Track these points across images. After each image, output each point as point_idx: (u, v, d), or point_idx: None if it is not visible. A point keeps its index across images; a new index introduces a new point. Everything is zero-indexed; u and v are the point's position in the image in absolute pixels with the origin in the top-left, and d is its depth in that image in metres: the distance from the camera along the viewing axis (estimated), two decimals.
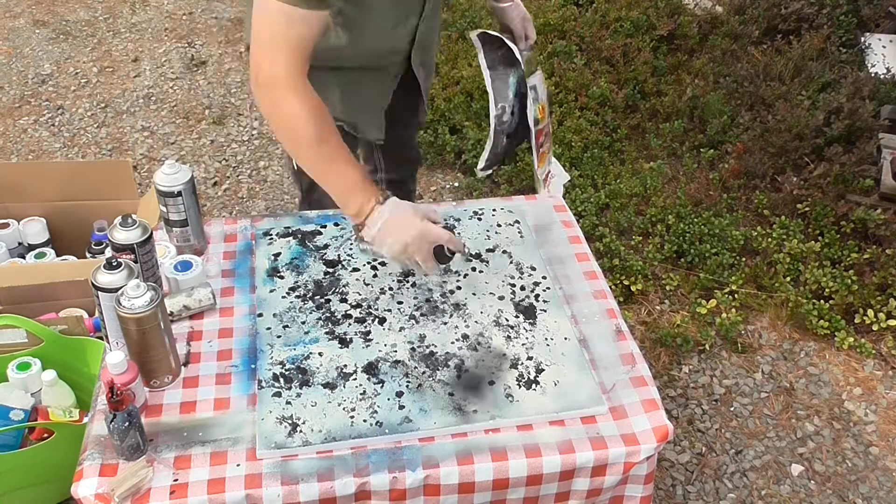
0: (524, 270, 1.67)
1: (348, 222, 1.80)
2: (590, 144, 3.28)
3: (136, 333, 1.33)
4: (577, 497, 1.36)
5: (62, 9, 4.48)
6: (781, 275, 2.70)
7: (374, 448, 1.31)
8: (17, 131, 3.50)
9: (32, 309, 2.00)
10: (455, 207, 1.88)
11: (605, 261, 2.74)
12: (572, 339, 1.51)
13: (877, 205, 2.89)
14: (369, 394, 1.39)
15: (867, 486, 2.16)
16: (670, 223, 2.91)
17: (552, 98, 3.47)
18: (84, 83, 3.83)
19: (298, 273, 1.65)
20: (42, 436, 1.84)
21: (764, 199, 3.03)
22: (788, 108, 3.32)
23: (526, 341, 1.50)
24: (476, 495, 1.31)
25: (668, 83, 3.69)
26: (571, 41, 3.85)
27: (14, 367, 1.92)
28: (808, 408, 2.37)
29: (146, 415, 1.35)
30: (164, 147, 3.41)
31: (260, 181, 3.25)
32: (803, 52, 3.72)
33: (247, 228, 1.77)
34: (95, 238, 2.49)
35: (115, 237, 1.47)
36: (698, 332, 2.57)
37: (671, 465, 2.20)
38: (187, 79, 3.88)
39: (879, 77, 3.54)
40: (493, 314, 1.56)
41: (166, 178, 1.59)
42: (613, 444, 1.33)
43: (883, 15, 3.99)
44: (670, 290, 2.70)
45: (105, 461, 1.27)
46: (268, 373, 1.42)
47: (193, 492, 1.23)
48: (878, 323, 2.51)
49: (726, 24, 4.04)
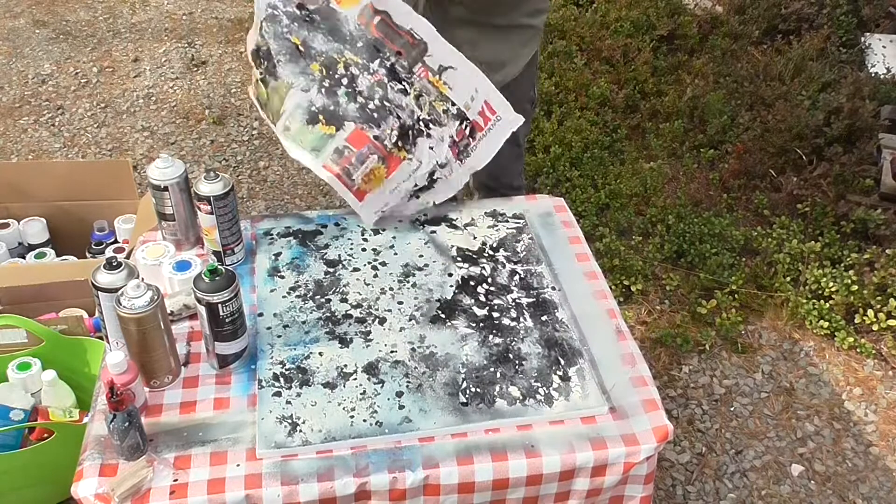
0: (525, 270, 1.67)
1: (349, 222, 1.80)
2: (590, 144, 3.28)
3: (136, 333, 1.33)
4: (577, 497, 1.36)
5: (62, 9, 4.48)
6: (781, 275, 2.70)
7: (374, 448, 1.31)
8: (17, 131, 3.50)
9: (32, 309, 2.00)
10: (456, 207, 1.88)
11: (605, 261, 2.74)
12: (575, 339, 1.51)
13: (877, 205, 2.89)
14: (369, 394, 1.39)
15: (867, 486, 2.16)
16: (670, 223, 2.91)
17: (553, 98, 3.47)
18: (84, 83, 3.83)
19: (299, 273, 1.65)
20: (42, 436, 1.84)
21: (764, 199, 3.03)
22: (788, 108, 3.33)
23: (527, 341, 1.50)
24: (476, 495, 1.31)
25: (668, 83, 3.69)
26: (571, 41, 3.85)
27: (14, 367, 1.92)
28: (808, 408, 2.37)
29: (146, 415, 1.35)
30: (164, 147, 3.42)
31: (260, 181, 3.25)
32: (803, 52, 3.72)
33: (247, 228, 1.77)
34: (95, 238, 2.49)
35: (199, 189, 1.57)
36: (698, 332, 2.57)
37: (671, 465, 2.20)
38: (187, 79, 3.89)
39: (879, 77, 3.54)
40: (493, 314, 1.56)
41: (157, 172, 1.61)
42: (613, 444, 1.33)
43: (883, 15, 3.99)
44: (670, 290, 2.70)
45: (105, 461, 1.27)
46: (268, 372, 1.42)
47: (193, 492, 1.23)
48: (878, 323, 2.51)
49: (726, 24, 4.04)
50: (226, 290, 1.36)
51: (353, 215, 1.83)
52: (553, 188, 3.07)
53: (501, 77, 1.91)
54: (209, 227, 1.61)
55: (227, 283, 1.36)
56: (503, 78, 1.92)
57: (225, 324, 1.38)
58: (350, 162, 1.61)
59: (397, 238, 1.75)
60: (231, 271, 1.39)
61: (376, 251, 1.71)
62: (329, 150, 1.59)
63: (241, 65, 3.99)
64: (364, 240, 1.75)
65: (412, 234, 1.77)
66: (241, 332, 1.41)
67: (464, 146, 1.72)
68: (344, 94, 1.58)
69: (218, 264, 1.39)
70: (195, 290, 1.36)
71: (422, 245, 1.74)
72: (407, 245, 1.74)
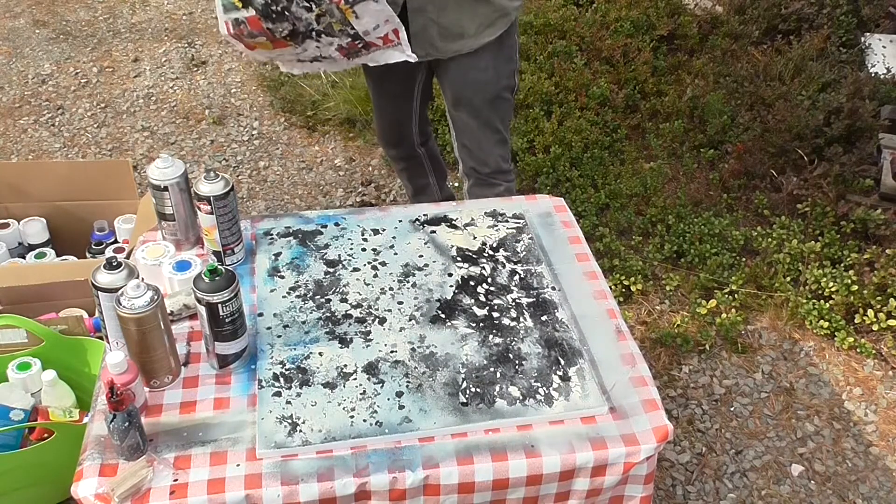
0: (525, 270, 1.67)
1: (349, 222, 1.80)
2: (590, 144, 3.28)
3: (136, 333, 1.33)
4: (577, 497, 1.36)
5: (62, 9, 4.48)
6: (781, 275, 2.70)
7: (374, 448, 1.31)
8: (17, 131, 3.50)
9: (32, 309, 2.00)
10: (456, 208, 1.88)
11: (605, 261, 2.74)
12: (575, 339, 1.51)
13: (877, 205, 2.89)
14: (369, 394, 1.39)
15: (867, 486, 2.16)
16: (670, 223, 2.91)
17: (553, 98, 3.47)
18: (84, 83, 3.83)
19: (299, 273, 1.65)
20: (42, 436, 1.84)
21: (764, 199, 3.03)
22: (788, 108, 3.32)
23: (527, 341, 1.50)
24: (476, 495, 1.31)
25: (668, 83, 3.69)
26: (571, 41, 3.84)
27: (14, 367, 1.92)
28: (808, 408, 2.37)
29: (146, 415, 1.35)
30: (164, 147, 3.42)
31: (260, 181, 3.25)
32: (803, 52, 3.72)
33: (247, 228, 1.77)
34: (95, 238, 2.49)
35: (199, 189, 1.59)
36: (698, 332, 2.57)
37: (671, 465, 2.20)
38: (187, 79, 3.89)
39: (879, 77, 3.54)
40: (493, 314, 1.56)
41: (157, 172, 1.61)
42: (613, 444, 1.33)
43: (883, 15, 3.99)
44: (670, 290, 2.70)
45: (105, 461, 1.27)
46: (268, 372, 1.42)
47: (193, 492, 1.23)
48: (878, 323, 2.51)
49: (726, 24, 4.04)
50: (226, 290, 1.36)
51: (353, 215, 1.83)
52: (553, 188, 3.07)
53: (457, 47, 1.99)
54: (209, 227, 1.61)
55: (227, 283, 1.36)
56: (458, 48, 1.99)
57: (225, 324, 1.38)
58: (242, 33, 1.77)
59: (397, 238, 1.75)
60: (231, 271, 1.39)
61: (376, 251, 1.71)
62: (232, 16, 1.74)
63: (241, 65, 3.99)
64: (364, 240, 1.75)
65: (412, 234, 1.77)
66: (241, 332, 1.41)
67: (354, 53, 1.83)
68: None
69: (218, 264, 1.39)
70: (195, 290, 1.36)
71: (422, 245, 1.74)
72: (407, 245, 1.74)
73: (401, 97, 2.28)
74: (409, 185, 2.60)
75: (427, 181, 2.56)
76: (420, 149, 2.46)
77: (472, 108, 2.12)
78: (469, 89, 2.08)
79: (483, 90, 2.08)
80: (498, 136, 2.19)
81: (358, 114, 3.52)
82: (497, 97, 2.11)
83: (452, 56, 2.00)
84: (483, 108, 2.12)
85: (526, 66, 3.60)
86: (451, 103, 2.15)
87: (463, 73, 2.05)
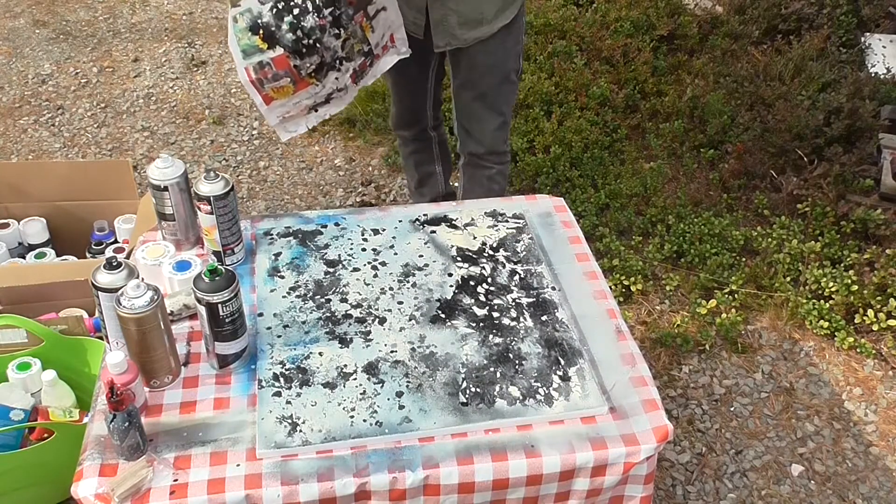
0: (525, 270, 1.67)
1: (349, 222, 1.80)
2: (590, 144, 3.28)
3: (136, 333, 1.33)
4: (577, 497, 1.36)
5: (62, 9, 4.48)
6: (781, 275, 2.70)
7: (374, 448, 1.31)
8: (17, 131, 3.50)
9: (32, 309, 2.00)
10: (456, 208, 1.88)
11: (605, 261, 2.74)
12: (575, 339, 1.51)
13: (877, 205, 2.89)
14: (369, 394, 1.39)
15: (867, 486, 2.16)
16: (670, 223, 2.91)
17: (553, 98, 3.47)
18: (84, 83, 3.83)
19: (299, 273, 1.65)
20: (42, 436, 1.84)
21: (764, 199, 3.03)
22: (788, 108, 3.32)
23: (527, 341, 1.50)
24: (476, 495, 1.31)
25: (668, 83, 3.69)
26: (571, 41, 3.84)
27: (14, 367, 1.92)
28: (808, 408, 2.37)
29: (146, 415, 1.35)
30: (164, 147, 3.41)
31: (260, 181, 3.25)
32: (803, 52, 3.72)
33: (247, 228, 1.77)
34: (95, 238, 2.49)
35: (199, 189, 1.59)
36: (698, 332, 2.56)
37: (671, 465, 2.20)
38: (187, 79, 3.88)
39: (879, 77, 3.54)
40: (493, 314, 1.56)
41: (157, 172, 1.62)
42: (613, 444, 1.33)
43: (883, 15, 3.99)
44: (670, 290, 2.70)
45: (105, 461, 1.27)
46: (268, 372, 1.42)
47: (193, 492, 1.23)
48: (878, 323, 2.51)
49: (726, 24, 4.04)
50: (226, 290, 1.36)
51: (353, 215, 1.83)
52: (553, 188, 3.07)
53: (477, 34, 2.02)
54: (209, 227, 1.61)
55: (227, 283, 1.36)
56: (478, 35, 2.02)
57: (225, 324, 1.38)
58: (266, 76, 1.74)
59: (397, 238, 1.75)
60: (231, 271, 1.39)
61: (376, 251, 1.71)
62: (255, 59, 1.71)
63: None
64: (364, 240, 1.75)
65: (412, 234, 1.77)
66: (241, 332, 1.41)
67: (361, 74, 1.85)
68: (288, 24, 1.69)
69: (218, 264, 1.39)
70: (195, 290, 1.36)
71: (422, 245, 1.74)
72: (407, 245, 1.74)
73: (417, 80, 2.33)
74: (415, 173, 2.62)
75: (433, 169, 2.59)
76: (433, 132, 2.52)
77: (479, 90, 2.17)
78: (478, 73, 2.13)
79: (492, 73, 2.13)
80: (501, 118, 2.23)
81: (358, 114, 3.52)
82: (505, 80, 2.17)
83: (472, 44, 2.04)
84: (489, 92, 2.17)
85: (526, 66, 3.60)
86: (459, 83, 2.19)
87: (476, 59, 2.09)
